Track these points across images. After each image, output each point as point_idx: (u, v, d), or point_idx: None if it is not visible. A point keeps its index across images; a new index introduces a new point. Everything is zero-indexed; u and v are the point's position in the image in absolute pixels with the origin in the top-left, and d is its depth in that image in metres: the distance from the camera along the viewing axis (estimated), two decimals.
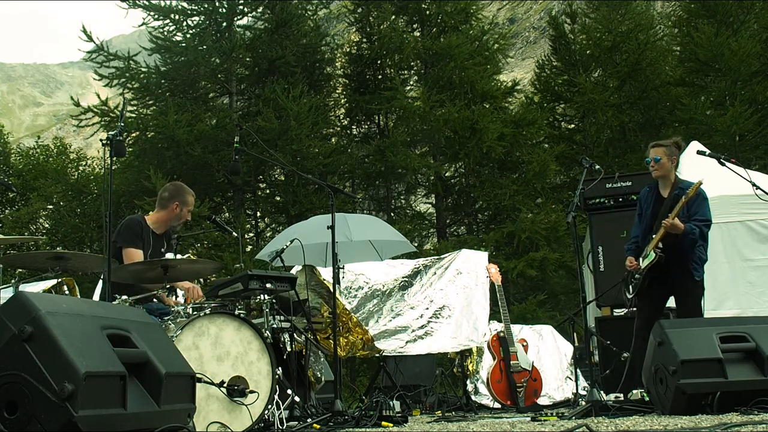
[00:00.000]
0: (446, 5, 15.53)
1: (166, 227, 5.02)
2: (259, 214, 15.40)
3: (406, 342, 7.58)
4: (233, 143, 5.23)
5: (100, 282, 6.52)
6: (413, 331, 7.71)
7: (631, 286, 5.25)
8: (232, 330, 4.05)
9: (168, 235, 5.11)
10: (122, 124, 4.33)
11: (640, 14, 16.88)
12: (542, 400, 7.53)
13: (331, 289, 6.44)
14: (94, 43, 14.25)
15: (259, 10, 15.28)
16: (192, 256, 6.47)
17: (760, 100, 14.48)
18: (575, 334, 9.06)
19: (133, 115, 13.99)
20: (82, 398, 2.50)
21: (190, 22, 14.95)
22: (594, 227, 6.93)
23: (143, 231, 4.82)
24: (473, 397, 7.39)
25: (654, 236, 5.08)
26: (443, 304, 7.89)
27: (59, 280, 7.79)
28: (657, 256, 5.02)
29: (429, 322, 7.79)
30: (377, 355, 7.21)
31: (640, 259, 5.18)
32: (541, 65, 17.35)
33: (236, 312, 4.29)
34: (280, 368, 4.27)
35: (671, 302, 5.98)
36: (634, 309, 5.46)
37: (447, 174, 15.87)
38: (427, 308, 7.89)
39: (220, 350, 3.97)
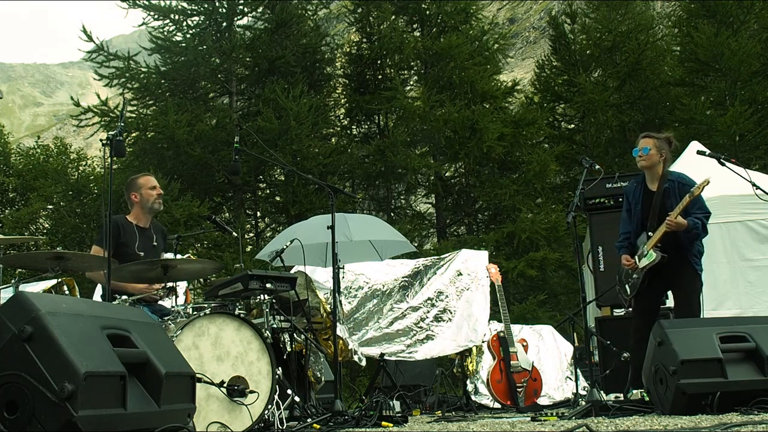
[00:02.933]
0: (446, 5, 15.53)
1: (146, 218, 5.06)
2: (259, 214, 15.39)
3: (408, 346, 7.59)
4: (233, 143, 5.23)
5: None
6: (415, 335, 7.73)
7: (628, 286, 5.14)
8: (232, 330, 4.05)
9: (158, 228, 5.16)
10: (122, 124, 4.34)
11: (640, 14, 16.89)
12: (542, 400, 7.53)
13: (320, 297, 6.45)
14: (94, 43, 14.25)
15: (259, 10, 15.27)
16: (192, 256, 6.47)
17: (760, 100, 14.47)
18: (575, 334, 9.06)
19: (133, 115, 13.98)
20: (82, 398, 2.50)
21: (190, 22, 14.95)
22: (594, 227, 6.93)
23: (121, 229, 4.86)
24: (473, 397, 7.39)
25: (651, 234, 4.97)
26: (444, 307, 7.90)
27: (59, 280, 7.78)
28: (659, 257, 4.89)
29: (430, 326, 7.81)
30: (377, 358, 7.21)
31: (637, 257, 5.07)
32: (541, 65, 17.36)
33: (236, 312, 4.29)
34: (280, 368, 4.27)
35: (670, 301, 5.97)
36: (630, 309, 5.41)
37: (447, 174, 15.88)
38: (428, 311, 7.91)
39: (220, 350, 3.97)
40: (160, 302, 4.79)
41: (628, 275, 5.15)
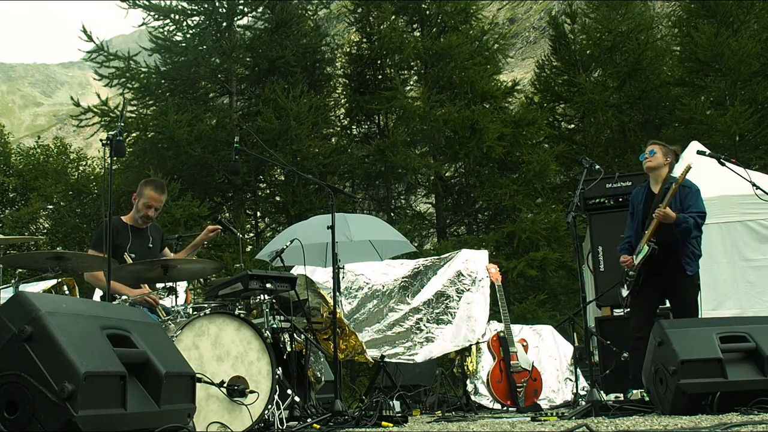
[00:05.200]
0: (446, 5, 15.53)
1: (139, 221, 5.03)
2: (259, 214, 15.40)
3: (408, 348, 7.60)
4: (233, 143, 5.24)
5: None
6: (414, 337, 7.73)
7: (626, 285, 5.22)
8: (232, 330, 4.05)
9: (155, 228, 5.14)
10: (122, 124, 4.34)
11: (640, 14, 16.88)
12: (542, 402, 7.53)
13: (327, 298, 6.45)
14: (94, 43, 14.25)
15: (259, 10, 15.27)
16: (192, 256, 6.48)
17: (760, 100, 14.47)
18: (575, 334, 9.06)
19: (133, 115, 13.99)
20: (82, 398, 2.50)
21: (190, 22, 14.95)
22: (594, 227, 6.93)
23: (115, 231, 4.81)
24: (473, 397, 7.39)
25: (646, 231, 5.07)
26: (444, 308, 7.90)
27: (59, 280, 7.78)
28: (651, 248, 4.99)
29: (430, 328, 7.81)
30: (373, 361, 7.21)
31: (634, 255, 5.16)
32: (541, 65, 17.35)
33: (236, 312, 4.29)
34: (280, 368, 4.27)
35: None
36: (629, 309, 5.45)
37: (447, 174, 15.88)
38: (428, 313, 7.91)
39: (220, 350, 3.97)
40: (160, 301, 4.79)
41: (626, 274, 5.22)
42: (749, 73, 14.36)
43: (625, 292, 5.22)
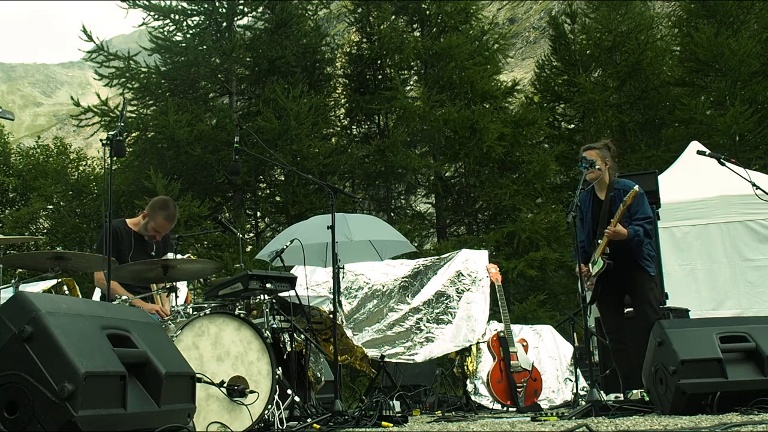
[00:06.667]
0: (446, 5, 15.53)
1: (145, 237, 5.00)
2: (259, 214, 15.39)
3: (408, 348, 7.60)
4: (233, 143, 5.23)
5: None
6: (414, 337, 7.74)
7: (588, 293, 5.27)
8: (232, 330, 4.05)
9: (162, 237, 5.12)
10: (122, 124, 4.34)
11: (640, 14, 16.88)
12: (542, 403, 7.53)
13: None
14: (94, 43, 14.26)
15: (259, 10, 15.28)
16: (192, 256, 6.47)
17: (760, 100, 14.47)
18: (575, 334, 9.06)
19: (133, 115, 13.99)
20: (82, 398, 2.49)
21: (190, 22, 14.96)
22: None
23: (119, 236, 4.81)
24: (473, 397, 7.39)
25: (599, 242, 5.12)
26: (444, 308, 7.91)
27: (59, 280, 7.79)
28: (605, 264, 5.05)
29: (430, 328, 7.81)
30: (373, 370, 7.21)
31: (590, 265, 5.22)
32: (541, 65, 17.35)
33: (236, 312, 4.29)
34: (280, 368, 4.27)
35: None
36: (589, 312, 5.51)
37: (447, 174, 15.87)
38: (428, 313, 7.91)
39: (220, 350, 3.97)
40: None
41: (585, 282, 5.29)
42: (749, 73, 14.36)
43: (587, 299, 5.26)
